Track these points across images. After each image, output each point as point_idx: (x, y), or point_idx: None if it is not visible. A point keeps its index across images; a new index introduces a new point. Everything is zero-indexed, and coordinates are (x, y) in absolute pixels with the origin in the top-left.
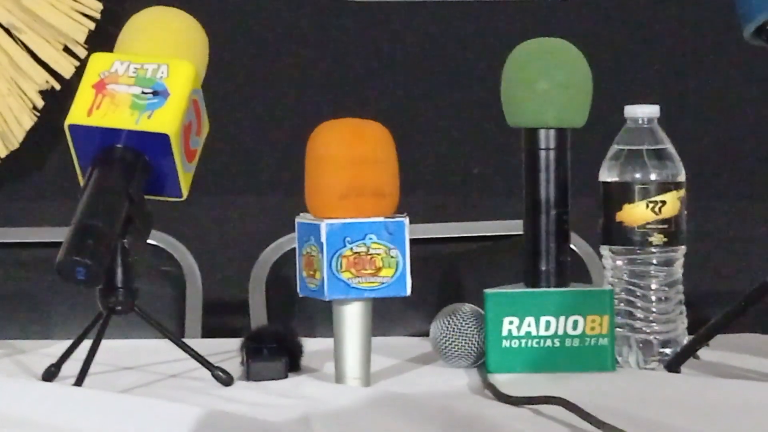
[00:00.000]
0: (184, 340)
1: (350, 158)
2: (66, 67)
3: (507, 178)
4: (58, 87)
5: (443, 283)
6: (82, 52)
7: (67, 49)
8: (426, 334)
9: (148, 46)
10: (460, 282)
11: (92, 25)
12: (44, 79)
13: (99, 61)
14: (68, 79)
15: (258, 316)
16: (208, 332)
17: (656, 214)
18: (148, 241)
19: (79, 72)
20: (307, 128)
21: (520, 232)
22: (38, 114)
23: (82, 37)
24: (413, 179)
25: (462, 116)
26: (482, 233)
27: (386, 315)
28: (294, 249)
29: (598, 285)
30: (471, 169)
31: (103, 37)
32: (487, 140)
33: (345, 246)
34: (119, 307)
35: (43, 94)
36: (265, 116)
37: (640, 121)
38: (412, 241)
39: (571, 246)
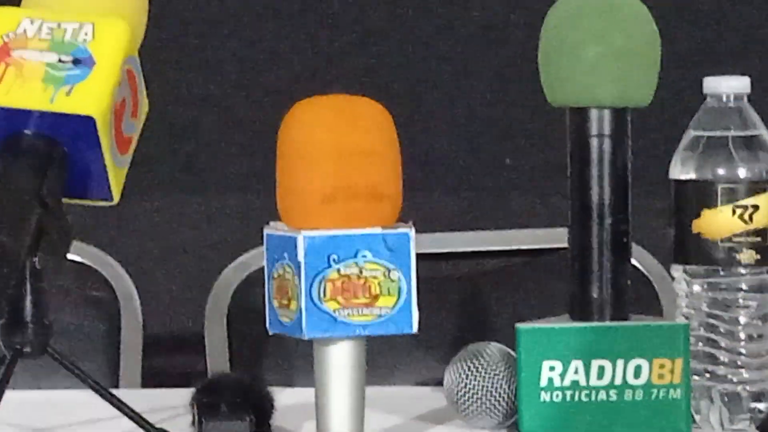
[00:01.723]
0: (117, 390)
1: (337, 148)
2: None
3: (547, 173)
4: None
5: (462, 314)
6: None
7: None
8: (439, 383)
9: None
10: (484, 313)
11: None
12: None
13: (1, 19)
14: None
15: (216, 358)
16: (149, 379)
17: (746, 222)
18: (68, 257)
19: None
20: (279, 109)
21: (565, 245)
22: None
23: None
24: (421, 175)
25: (487, 92)
26: (514, 247)
27: (385, 358)
28: (263, 269)
29: (669, 318)
30: (500, 161)
31: None
32: (520, 124)
33: (330, 266)
34: (28, 348)
35: None
36: (224, 92)
37: (725, 99)
38: (421, 259)
39: (633, 263)
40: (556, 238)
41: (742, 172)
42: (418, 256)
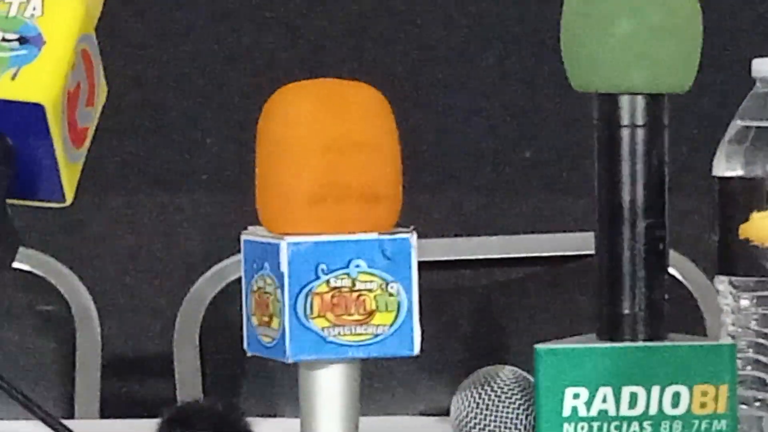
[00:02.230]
0: (72, 421)
1: (325, 140)
2: None
3: (572, 169)
4: None
5: (472, 333)
6: None
7: None
8: (445, 413)
9: None
10: (498, 332)
11: None
12: None
13: None
14: None
15: (187, 383)
16: (109, 408)
17: None
18: (15, 266)
19: None
20: (260, 96)
21: (591, 252)
22: None
23: None
24: (425, 171)
25: (502, 74)
26: (533, 254)
27: (384, 384)
28: (240, 279)
29: (713, 337)
30: (518, 154)
31: None
32: (542, 110)
33: (318, 278)
34: None
35: None
36: (196, 75)
37: None
38: (424, 268)
39: (672, 274)
40: (583, 244)
41: None
42: (421, 264)
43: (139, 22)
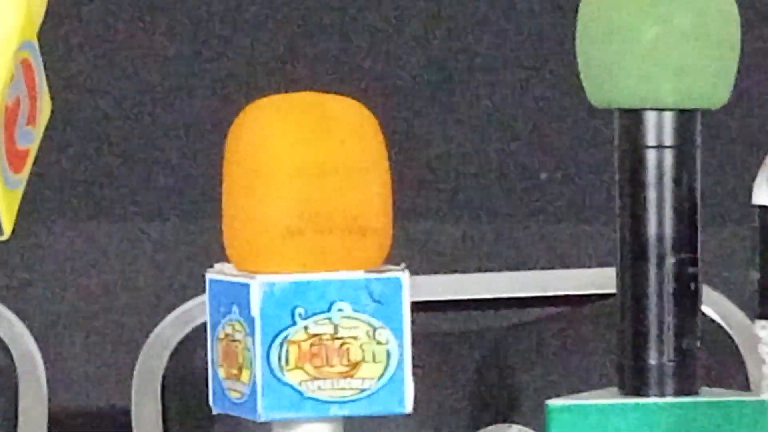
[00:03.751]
0: None
1: (303, 164)
2: None
3: (591, 194)
4: None
5: (475, 386)
6: None
7: None
8: None
9: None
10: (505, 384)
11: None
12: None
13: None
14: None
15: None
16: None
17: None
18: None
19: None
20: (229, 110)
21: (612, 291)
22: None
23: None
24: (419, 199)
25: (511, 86)
26: (548, 292)
27: None
28: (206, 324)
29: (754, 392)
30: (531, 178)
31: None
32: (559, 128)
33: (295, 323)
34: None
35: None
36: (154, 86)
37: None
38: (419, 310)
39: (709, 315)
40: (602, 282)
41: None
42: (417, 306)
43: (94, 33)
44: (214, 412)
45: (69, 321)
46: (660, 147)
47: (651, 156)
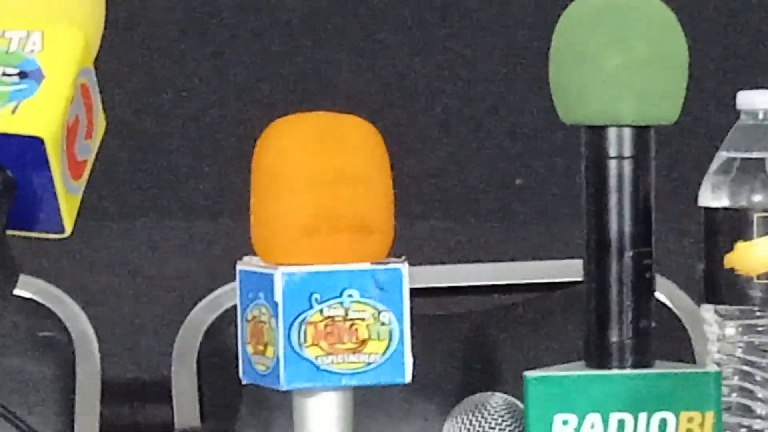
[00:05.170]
0: None
1: (319, 174)
2: None
3: (559, 198)
4: None
5: (464, 360)
6: None
7: None
8: None
9: (11, 1)
10: (489, 359)
11: None
12: None
13: None
14: None
15: (185, 409)
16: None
17: None
18: (16, 293)
19: None
20: (255, 127)
21: (579, 280)
22: None
23: None
24: (416, 200)
25: (491, 108)
26: (522, 280)
27: (377, 411)
28: (236, 308)
29: (699, 365)
30: (509, 182)
31: None
32: (533, 139)
33: (312, 307)
34: None
35: None
36: (195, 104)
37: (762, 116)
38: (416, 295)
39: (662, 300)
40: (570, 272)
41: None
42: (412, 292)
43: (137, 53)
44: (243, 382)
45: (119, 304)
46: (620, 158)
47: (612, 165)
